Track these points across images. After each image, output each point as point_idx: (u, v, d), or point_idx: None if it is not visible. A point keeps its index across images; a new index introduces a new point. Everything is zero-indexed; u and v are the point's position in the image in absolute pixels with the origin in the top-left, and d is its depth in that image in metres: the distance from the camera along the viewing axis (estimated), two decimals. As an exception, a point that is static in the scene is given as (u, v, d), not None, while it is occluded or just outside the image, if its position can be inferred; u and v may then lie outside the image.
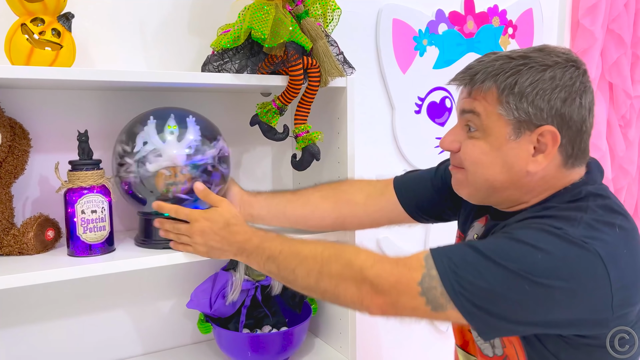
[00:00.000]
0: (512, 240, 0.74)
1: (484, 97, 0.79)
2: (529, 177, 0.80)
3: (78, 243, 0.98)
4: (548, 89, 0.76)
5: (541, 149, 0.78)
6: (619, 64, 1.87)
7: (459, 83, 0.84)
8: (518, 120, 0.77)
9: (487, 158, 0.80)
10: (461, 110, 0.84)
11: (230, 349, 1.18)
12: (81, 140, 0.99)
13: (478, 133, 0.81)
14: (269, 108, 1.10)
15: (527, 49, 0.81)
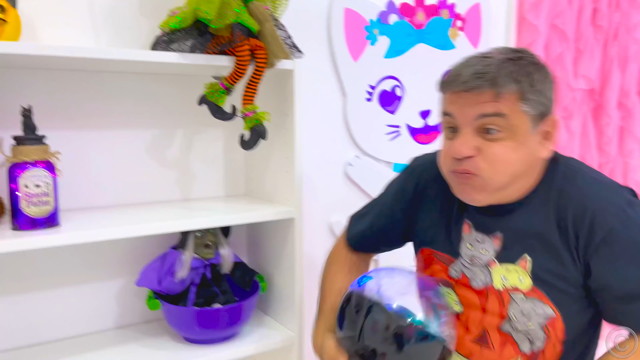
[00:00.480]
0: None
1: (508, 98, 0.82)
2: (539, 163, 0.88)
3: (22, 217, 0.99)
4: (550, 82, 0.87)
5: (547, 135, 0.87)
6: (562, 58, 1.96)
7: (478, 89, 0.83)
8: (537, 114, 0.84)
9: (516, 155, 0.84)
10: (479, 114, 0.84)
11: (178, 325, 1.20)
12: (25, 116, 1.00)
13: (502, 134, 0.84)
14: (217, 88, 1.12)
15: (509, 49, 0.87)
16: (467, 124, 0.85)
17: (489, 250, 0.93)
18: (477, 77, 0.82)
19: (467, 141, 0.85)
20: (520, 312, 0.89)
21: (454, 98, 0.86)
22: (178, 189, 1.36)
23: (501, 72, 0.82)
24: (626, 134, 2.20)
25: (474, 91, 0.83)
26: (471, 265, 0.95)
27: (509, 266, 0.91)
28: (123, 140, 1.27)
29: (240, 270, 1.32)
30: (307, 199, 1.53)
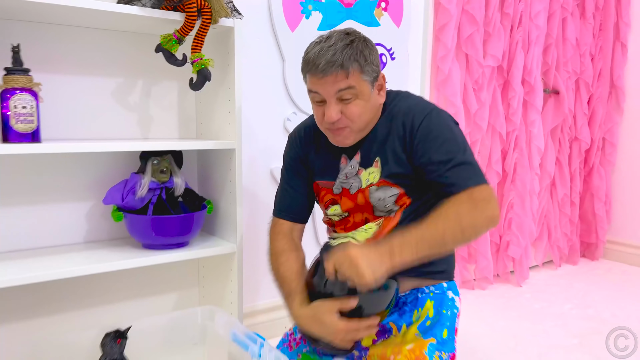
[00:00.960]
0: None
1: (353, 74, 1.14)
2: (380, 105, 1.25)
3: (11, 132, 1.24)
4: (375, 52, 1.20)
5: (381, 87, 1.23)
6: (472, 39, 2.31)
7: (333, 73, 1.13)
8: (373, 78, 1.19)
9: (365, 108, 1.19)
10: (337, 90, 1.15)
11: (138, 233, 1.46)
12: (14, 51, 1.26)
13: (354, 98, 1.17)
14: (170, 38, 1.40)
15: (342, 31, 1.19)
16: (330, 97, 1.17)
17: (354, 165, 1.27)
18: (330, 65, 1.13)
19: (334, 109, 1.17)
20: (377, 198, 1.25)
21: (316, 80, 1.16)
22: (139, 129, 1.63)
23: (345, 57, 1.13)
24: (529, 106, 2.57)
25: (329, 75, 1.14)
26: (347, 179, 1.29)
27: (369, 169, 1.25)
28: (92, 85, 1.53)
29: (191, 195, 1.60)
30: (249, 144, 1.82)
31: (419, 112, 1.21)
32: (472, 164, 1.18)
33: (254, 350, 1.20)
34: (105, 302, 1.61)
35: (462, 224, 1.10)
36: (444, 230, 1.10)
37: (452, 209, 1.13)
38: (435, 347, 1.22)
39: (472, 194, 1.14)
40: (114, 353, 1.21)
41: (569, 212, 2.96)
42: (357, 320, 1.14)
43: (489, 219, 1.13)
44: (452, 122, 1.23)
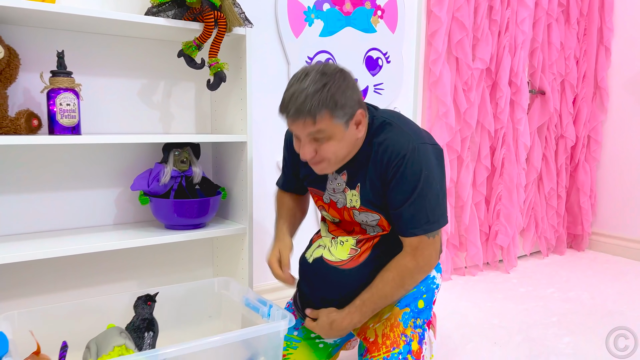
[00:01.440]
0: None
1: (322, 120, 1.21)
2: (359, 140, 1.35)
3: (57, 126, 1.46)
4: (351, 90, 1.25)
5: (359, 122, 1.30)
6: (462, 43, 2.52)
7: (301, 119, 1.21)
8: (346, 119, 1.25)
9: (340, 145, 1.27)
10: (308, 133, 1.23)
11: (162, 214, 1.67)
12: (59, 57, 1.47)
13: (326, 139, 1.25)
14: (190, 45, 1.61)
15: (320, 70, 1.23)
16: (303, 137, 1.26)
17: (340, 183, 1.43)
18: (298, 113, 1.20)
19: (307, 149, 1.27)
20: (361, 220, 1.42)
21: (289, 122, 1.26)
22: (160, 125, 1.84)
23: (313, 104, 1.19)
24: (516, 105, 2.78)
25: (299, 120, 1.22)
26: (334, 193, 1.45)
27: (352, 191, 1.40)
28: (121, 86, 1.75)
29: (207, 183, 1.81)
30: (257, 139, 2.04)
31: (397, 152, 1.28)
32: (428, 210, 1.31)
33: (264, 311, 1.40)
34: (133, 278, 1.82)
35: (405, 286, 1.38)
36: (392, 294, 1.36)
37: (397, 274, 1.35)
38: (410, 315, 1.42)
39: (415, 253, 1.34)
40: (145, 313, 1.42)
41: (556, 205, 3.15)
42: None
43: (427, 273, 1.39)
44: (429, 160, 1.30)
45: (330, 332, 1.39)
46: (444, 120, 2.49)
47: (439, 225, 1.34)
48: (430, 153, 1.33)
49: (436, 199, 1.33)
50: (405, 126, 1.35)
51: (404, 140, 1.30)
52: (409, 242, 1.34)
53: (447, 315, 2.17)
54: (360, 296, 1.36)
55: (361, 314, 1.37)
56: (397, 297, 1.38)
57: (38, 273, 1.65)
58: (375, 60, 2.36)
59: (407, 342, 1.38)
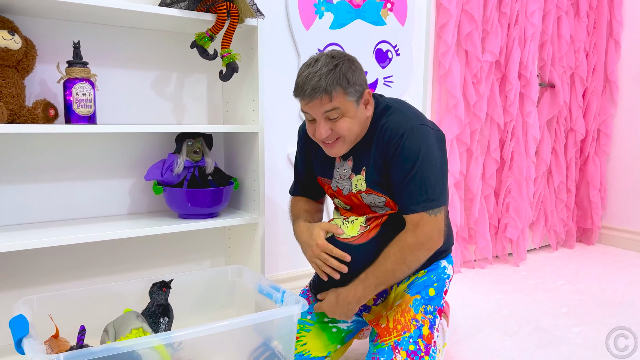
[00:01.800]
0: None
1: (337, 96, 1.30)
2: (369, 118, 1.41)
3: (73, 115, 1.48)
4: (360, 71, 1.35)
5: (367, 102, 1.39)
6: (471, 36, 2.52)
7: (318, 98, 1.28)
8: (357, 97, 1.34)
9: (352, 123, 1.35)
10: (323, 111, 1.31)
11: (175, 204, 1.70)
12: (75, 47, 1.50)
13: (340, 116, 1.33)
14: (203, 36, 1.63)
15: (329, 54, 1.33)
16: (318, 117, 1.33)
17: (346, 169, 1.47)
18: (315, 91, 1.28)
19: (323, 127, 1.33)
20: (369, 202, 1.45)
21: (305, 103, 1.33)
22: (173, 116, 1.86)
23: (328, 82, 1.27)
24: (525, 98, 2.78)
25: (315, 100, 1.30)
26: (341, 180, 1.49)
27: (358, 176, 1.45)
28: (135, 77, 1.77)
29: (219, 174, 1.83)
30: (268, 131, 2.06)
31: (396, 131, 1.34)
32: (428, 187, 1.34)
33: (277, 297, 1.42)
34: (147, 266, 1.85)
35: (407, 262, 1.37)
36: (393, 269, 1.36)
37: (397, 249, 1.36)
38: (420, 302, 1.44)
39: (416, 229, 1.36)
40: (160, 299, 1.44)
41: (565, 199, 3.15)
42: (333, 247, 1.39)
43: (429, 251, 1.39)
44: (429, 140, 1.35)
45: (336, 307, 1.40)
46: (453, 112, 2.50)
47: (438, 203, 1.37)
48: (430, 134, 1.38)
49: (436, 177, 1.37)
50: (407, 110, 1.41)
51: (404, 120, 1.36)
52: (410, 219, 1.37)
53: (456, 306, 2.18)
54: (365, 271, 1.38)
55: (364, 287, 1.37)
56: (400, 273, 1.38)
57: (56, 261, 1.68)
58: (384, 53, 2.37)
59: (418, 326, 1.40)
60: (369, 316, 1.53)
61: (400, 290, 1.50)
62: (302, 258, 2.17)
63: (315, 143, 1.52)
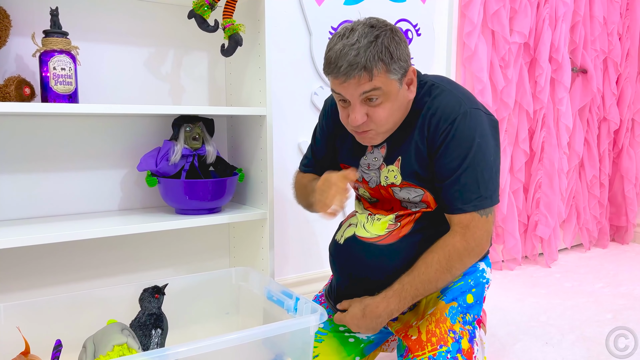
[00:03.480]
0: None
1: (379, 74, 1.06)
2: (409, 103, 1.18)
3: (51, 93, 1.27)
4: (403, 45, 1.11)
5: (410, 82, 1.16)
6: (498, 15, 2.29)
7: (356, 76, 1.06)
8: (401, 75, 1.12)
9: (393, 109, 1.13)
10: (361, 92, 1.08)
11: (172, 197, 1.48)
12: (53, 15, 1.29)
13: (381, 99, 1.11)
14: (202, 3, 1.42)
15: (367, 23, 1.09)
16: (354, 99, 1.10)
17: (377, 158, 1.24)
18: (352, 68, 1.05)
19: (358, 112, 1.11)
20: (402, 197, 1.22)
21: (338, 83, 1.09)
22: (170, 99, 1.65)
23: (368, 57, 1.04)
24: (557, 84, 2.54)
25: (352, 78, 1.06)
26: (368, 170, 1.26)
27: (390, 167, 1.21)
28: (126, 54, 1.56)
29: (222, 164, 1.61)
30: (277, 117, 1.84)
31: (447, 116, 1.13)
32: (480, 182, 1.13)
33: (289, 305, 1.21)
34: (139, 269, 1.63)
35: (452, 270, 1.16)
36: (436, 279, 1.15)
37: (443, 256, 1.14)
38: (458, 310, 1.21)
39: (465, 233, 1.14)
40: (152, 308, 1.23)
41: (598, 194, 2.91)
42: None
43: (477, 257, 1.19)
44: (483, 127, 1.15)
45: (363, 320, 1.18)
46: (479, 98, 2.27)
47: (491, 201, 1.15)
48: (485, 120, 1.16)
49: (490, 171, 1.15)
50: (457, 90, 1.18)
51: (455, 103, 1.14)
52: (458, 220, 1.15)
53: (488, 312, 1.95)
54: (400, 279, 1.16)
55: (399, 300, 1.16)
56: (442, 283, 1.18)
57: (29, 263, 1.47)
58: (404, 33, 2.14)
59: (457, 339, 1.18)
60: (395, 325, 1.31)
61: (433, 296, 1.28)
62: (316, 259, 1.95)
63: (340, 124, 1.29)
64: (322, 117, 1.39)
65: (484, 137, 1.14)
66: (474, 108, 1.15)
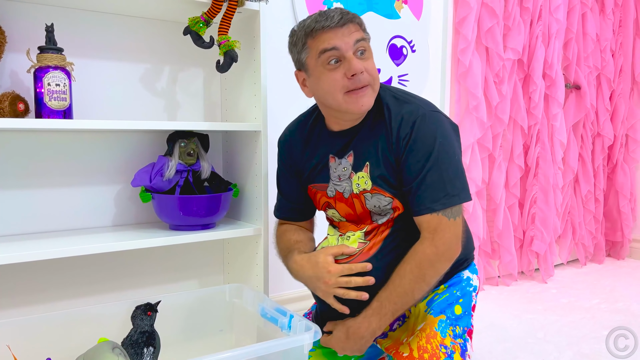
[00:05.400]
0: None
1: (362, 28, 1.18)
2: None
3: (45, 109, 1.27)
4: None
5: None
6: (492, 32, 2.32)
7: (348, 24, 1.14)
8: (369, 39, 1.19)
9: (375, 66, 1.20)
10: (355, 40, 1.13)
11: (166, 213, 1.47)
12: (48, 31, 1.29)
13: (368, 53, 1.18)
14: (198, 20, 1.43)
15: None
16: (349, 50, 1.13)
17: (346, 167, 1.24)
18: (346, 17, 1.14)
19: (357, 61, 1.13)
20: (373, 205, 1.22)
21: (333, 34, 1.13)
22: (165, 115, 1.65)
23: (350, 15, 1.15)
24: (551, 100, 2.56)
25: (346, 25, 1.14)
26: (340, 182, 1.26)
27: (359, 174, 1.22)
28: (121, 70, 1.56)
29: (217, 179, 1.61)
30: (272, 132, 1.84)
31: (407, 121, 1.16)
32: (446, 181, 1.14)
33: (283, 322, 1.19)
34: (133, 285, 1.62)
35: (426, 278, 1.15)
36: (412, 289, 1.14)
37: (415, 265, 1.14)
38: (447, 323, 1.20)
39: (434, 238, 1.14)
40: (145, 325, 1.21)
41: (594, 209, 2.91)
42: (349, 264, 1.16)
43: (449, 262, 1.18)
44: (444, 128, 1.17)
45: (347, 342, 1.17)
46: (474, 114, 2.28)
47: (459, 199, 1.16)
48: (445, 122, 1.19)
49: (455, 170, 1.16)
50: (414, 98, 1.23)
51: (414, 108, 1.18)
52: (426, 224, 1.15)
53: (484, 328, 1.94)
54: (378, 296, 1.16)
55: (380, 317, 1.15)
56: (419, 293, 1.16)
57: (22, 280, 1.45)
58: (399, 49, 2.16)
59: (449, 354, 1.17)
60: (385, 342, 1.30)
61: (421, 311, 1.27)
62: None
63: (301, 145, 1.31)
64: (279, 157, 1.41)
65: (445, 137, 1.16)
66: (432, 111, 1.19)
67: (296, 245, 1.32)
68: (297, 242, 1.33)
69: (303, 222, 1.43)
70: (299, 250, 1.28)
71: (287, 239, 1.36)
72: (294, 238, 1.35)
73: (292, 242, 1.33)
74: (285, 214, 1.42)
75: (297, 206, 1.40)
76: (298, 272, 1.23)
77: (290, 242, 1.34)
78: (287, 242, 1.35)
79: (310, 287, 1.21)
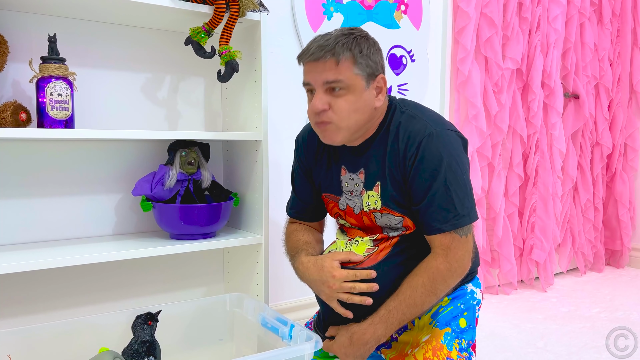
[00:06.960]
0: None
1: (345, 63, 1.11)
2: (375, 111, 1.19)
3: (47, 118, 1.28)
4: (373, 49, 1.16)
5: (379, 90, 1.18)
6: (491, 41, 2.33)
7: (323, 59, 1.10)
8: (368, 74, 1.14)
9: (356, 106, 1.14)
10: (324, 80, 1.11)
11: (167, 222, 1.48)
12: (51, 41, 1.30)
13: (344, 91, 1.13)
14: (199, 30, 1.44)
15: (345, 29, 1.16)
16: (318, 85, 1.13)
17: (358, 184, 1.25)
18: (320, 49, 1.10)
19: (321, 99, 1.12)
20: (383, 223, 1.23)
21: (308, 68, 1.14)
22: (166, 124, 1.66)
23: (338, 44, 1.10)
24: (549, 109, 2.57)
25: (320, 61, 1.11)
26: (352, 197, 1.27)
27: (370, 192, 1.23)
28: (122, 80, 1.57)
29: (217, 189, 1.61)
30: (273, 141, 1.85)
31: (412, 140, 1.15)
32: (456, 201, 1.13)
33: (284, 332, 1.19)
34: (133, 295, 1.62)
35: (437, 292, 1.16)
36: (422, 302, 1.15)
37: (428, 279, 1.14)
38: (453, 336, 1.21)
39: (447, 254, 1.14)
40: (145, 335, 1.21)
41: (593, 218, 2.92)
42: (354, 270, 1.16)
43: (460, 277, 1.18)
44: (451, 147, 1.16)
45: (350, 348, 1.17)
46: (473, 123, 2.29)
47: (469, 219, 1.16)
48: (452, 139, 1.17)
49: (464, 189, 1.16)
50: (422, 114, 1.20)
51: (420, 126, 1.16)
52: (439, 242, 1.16)
53: (484, 338, 1.94)
54: (385, 304, 1.16)
55: (386, 325, 1.15)
56: (428, 305, 1.17)
57: (23, 289, 1.45)
58: (399, 59, 2.18)
59: None
60: (389, 353, 1.30)
61: (426, 322, 1.27)
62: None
63: (314, 153, 1.31)
64: (295, 154, 1.41)
65: (452, 156, 1.15)
66: (439, 129, 1.16)
67: (304, 246, 1.32)
68: (305, 243, 1.34)
69: (313, 222, 1.44)
70: (307, 252, 1.29)
71: (297, 238, 1.37)
72: (303, 239, 1.36)
73: (301, 243, 1.34)
74: (297, 213, 1.42)
75: (309, 206, 1.40)
76: (303, 273, 1.24)
77: (299, 243, 1.35)
78: (296, 242, 1.35)
79: (315, 290, 1.23)
